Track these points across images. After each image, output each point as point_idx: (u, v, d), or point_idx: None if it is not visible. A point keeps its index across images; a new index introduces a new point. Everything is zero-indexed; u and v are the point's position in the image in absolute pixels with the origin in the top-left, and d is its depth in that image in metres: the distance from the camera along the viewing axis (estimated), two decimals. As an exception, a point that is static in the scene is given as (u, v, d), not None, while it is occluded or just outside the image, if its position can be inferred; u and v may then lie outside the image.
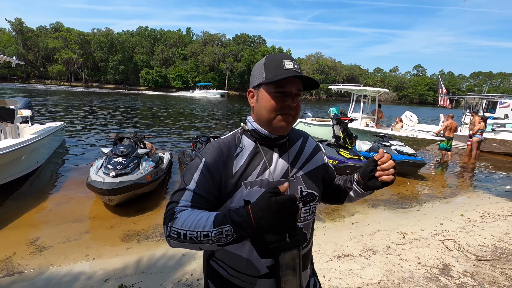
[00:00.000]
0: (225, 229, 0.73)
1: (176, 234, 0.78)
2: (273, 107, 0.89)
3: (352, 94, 12.19)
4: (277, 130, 0.93)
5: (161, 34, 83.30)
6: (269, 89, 0.89)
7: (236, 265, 0.92)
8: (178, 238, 0.78)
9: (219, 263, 0.96)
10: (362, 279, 2.69)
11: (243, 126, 1.00)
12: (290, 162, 0.98)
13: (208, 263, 1.00)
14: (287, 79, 0.87)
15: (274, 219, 0.69)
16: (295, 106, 0.89)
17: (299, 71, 0.89)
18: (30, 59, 66.62)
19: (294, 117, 0.92)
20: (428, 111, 42.02)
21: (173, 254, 3.15)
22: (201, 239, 0.75)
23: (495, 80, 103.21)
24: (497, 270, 2.94)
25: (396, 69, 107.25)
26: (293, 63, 0.89)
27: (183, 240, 0.77)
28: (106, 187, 3.97)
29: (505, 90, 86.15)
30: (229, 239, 0.73)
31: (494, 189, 6.58)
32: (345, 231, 3.90)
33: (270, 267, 0.90)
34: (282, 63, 0.88)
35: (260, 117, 0.93)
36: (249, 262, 0.90)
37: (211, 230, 0.74)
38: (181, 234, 0.77)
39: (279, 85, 0.88)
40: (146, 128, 12.81)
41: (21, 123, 6.18)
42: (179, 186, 0.91)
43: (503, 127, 12.57)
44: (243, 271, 0.91)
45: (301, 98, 0.94)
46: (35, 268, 2.87)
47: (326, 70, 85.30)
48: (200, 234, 0.75)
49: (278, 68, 0.87)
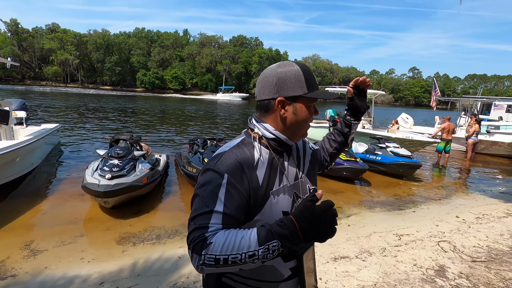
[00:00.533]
0: (272, 245, 0.72)
1: (213, 261, 0.73)
2: (307, 119, 0.93)
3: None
4: (301, 137, 0.98)
5: (158, 36, 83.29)
6: (307, 103, 0.92)
7: (258, 275, 0.89)
8: (216, 264, 0.73)
9: (235, 278, 0.90)
10: (358, 281, 2.70)
11: (256, 136, 0.93)
12: (297, 164, 1.02)
13: (219, 281, 0.93)
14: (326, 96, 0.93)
15: (320, 226, 0.73)
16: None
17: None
18: (25, 60, 66.24)
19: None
20: (423, 113, 42.35)
21: (169, 257, 3.14)
22: (245, 260, 0.72)
23: (490, 83, 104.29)
24: (491, 271, 2.97)
25: (392, 71, 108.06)
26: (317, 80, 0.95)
27: (223, 265, 0.73)
28: (101, 189, 3.94)
29: (499, 93, 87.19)
30: (275, 254, 0.73)
31: (489, 190, 6.64)
32: (341, 233, 3.90)
33: (292, 269, 0.92)
34: (314, 77, 0.93)
35: (295, 129, 0.93)
36: (273, 269, 0.89)
37: (257, 249, 0.72)
38: (221, 259, 0.72)
39: (313, 100, 0.93)
40: (162, 131, 12.77)
41: (15, 125, 6.11)
42: (198, 207, 0.81)
43: (498, 129, 12.73)
44: (266, 279, 0.89)
45: None
46: (29, 272, 2.84)
47: (323, 72, 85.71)
48: (245, 256, 0.72)
49: (315, 82, 0.92)
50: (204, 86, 76.19)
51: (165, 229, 3.91)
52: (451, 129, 9.06)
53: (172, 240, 3.63)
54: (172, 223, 4.13)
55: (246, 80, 78.68)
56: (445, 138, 9.01)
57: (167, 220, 4.21)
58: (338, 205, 5.06)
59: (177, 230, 3.91)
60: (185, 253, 3.22)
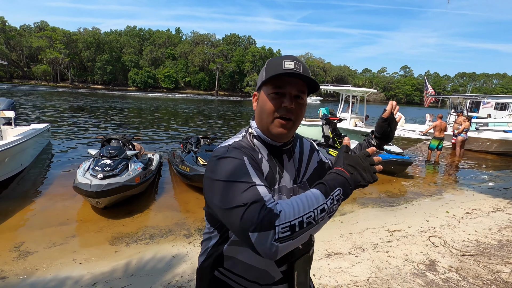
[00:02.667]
0: (336, 194, 0.74)
1: (289, 230, 0.66)
2: (270, 109, 0.84)
3: (341, 94, 12.35)
4: (276, 136, 0.87)
5: (150, 34, 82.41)
6: (267, 90, 0.86)
7: (251, 275, 0.89)
8: (293, 232, 0.66)
9: (227, 274, 0.90)
10: (351, 277, 2.73)
11: (250, 132, 0.94)
12: (297, 168, 0.98)
13: (213, 275, 0.93)
14: (285, 80, 0.83)
15: (363, 169, 0.79)
16: (293, 108, 0.84)
17: (301, 71, 0.83)
18: (13, 58, 64.77)
19: (294, 122, 0.87)
20: (415, 111, 42.93)
21: (162, 257, 3.12)
22: (318, 217, 0.70)
23: (479, 81, 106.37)
24: (480, 264, 3.04)
25: (384, 69, 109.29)
26: (295, 63, 0.83)
27: (299, 231, 0.67)
28: (93, 189, 3.90)
29: (487, 90, 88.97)
30: (338, 203, 0.75)
31: (478, 186, 6.79)
32: (334, 230, 3.94)
33: (284, 272, 0.90)
34: (282, 63, 0.84)
35: (261, 121, 0.89)
36: (265, 271, 0.88)
37: (325, 201, 0.72)
38: (296, 225, 0.67)
39: (277, 86, 0.84)
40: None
41: (4, 125, 5.99)
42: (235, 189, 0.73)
43: (486, 126, 12.99)
44: (258, 280, 0.89)
45: (305, 103, 0.89)
46: (20, 274, 2.79)
47: (315, 70, 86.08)
48: (318, 212, 0.70)
49: (277, 68, 0.83)
50: (197, 85, 75.76)
51: (159, 229, 3.89)
52: (443, 127, 9.18)
53: (166, 240, 3.61)
54: (166, 222, 4.11)
55: (239, 79, 78.52)
56: (438, 136, 9.13)
57: (160, 220, 4.19)
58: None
59: (171, 230, 3.89)
60: (179, 252, 3.21)
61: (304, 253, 0.92)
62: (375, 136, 1.10)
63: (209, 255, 0.94)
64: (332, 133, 7.34)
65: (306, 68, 0.86)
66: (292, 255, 0.88)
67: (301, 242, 0.70)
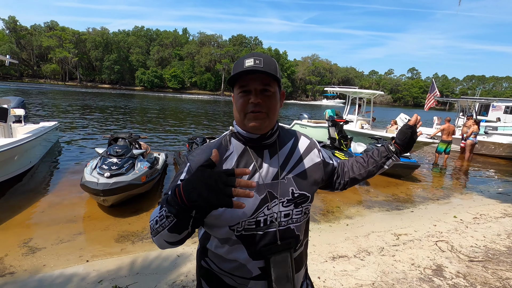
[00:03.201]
0: (164, 211, 0.72)
1: (151, 229, 0.79)
2: (240, 107, 0.88)
3: (348, 96, 12.28)
4: (252, 129, 0.89)
5: (157, 34, 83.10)
6: (236, 91, 0.90)
7: (229, 267, 0.91)
8: (151, 232, 0.79)
9: (211, 264, 0.96)
10: (356, 280, 2.71)
11: (231, 129, 0.99)
12: (281, 164, 0.96)
13: (200, 264, 1.00)
14: (247, 78, 0.86)
15: (203, 191, 0.63)
16: (259, 102, 0.85)
17: (261, 66, 0.84)
18: (23, 57, 65.95)
19: (268, 113, 0.88)
20: (422, 114, 42.30)
21: (168, 255, 3.14)
22: (155, 228, 0.75)
23: (488, 84, 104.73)
24: (489, 271, 2.99)
25: (391, 71, 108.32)
26: (254, 59, 0.85)
27: (153, 234, 0.78)
28: (100, 187, 3.94)
29: (497, 94, 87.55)
30: (170, 221, 0.71)
31: (486, 191, 6.67)
32: (340, 232, 3.92)
33: (262, 269, 0.90)
34: (243, 62, 0.86)
35: (236, 119, 0.94)
36: (241, 264, 0.90)
37: (158, 214, 0.74)
38: (151, 227, 0.79)
39: (241, 85, 0.87)
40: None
41: (14, 123, 6.10)
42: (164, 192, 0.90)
43: (495, 130, 12.78)
44: (236, 273, 0.91)
45: (275, 94, 0.89)
46: (28, 269, 2.83)
47: (322, 72, 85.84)
48: (153, 222, 0.76)
49: (239, 68, 0.86)
50: (204, 85, 76.11)
51: (164, 228, 3.91)
52: (451, 130, 9.03)
53: (171, 239, 3.62)
54: (171, 221, 4.12)
55: (245, 80, 78.44)
56: (445, 139, 9.00)
57: (166, 219, 4.21)
58: (336, 204, 5.07)
59: (176, 229, 3.90)
60: (184, 251, 3.23)
61: (282, 250, 0.90)
62: (395, 142, 1.10)
63: (199, 246, 1.01)
64: (338, 135, 7.29)
65: (269, 60, 0.87)
66: (267, 250, 0.89)
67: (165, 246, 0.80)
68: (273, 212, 0.91)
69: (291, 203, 0.94)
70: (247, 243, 0.89)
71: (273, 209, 0.91)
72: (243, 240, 0.89)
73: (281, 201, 0.92)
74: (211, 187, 0.63)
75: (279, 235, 0.91)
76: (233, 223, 0.87)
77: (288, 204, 0.93)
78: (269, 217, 0.90)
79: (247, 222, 0.88)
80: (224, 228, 0.88)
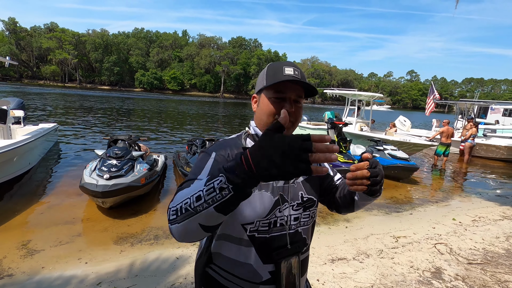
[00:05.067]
0: (217, 182, 0.58)
1: (175, 214, 0.65)
2: (271, 111, 0.90)
3: (347, 98, 12.31)
4: None
5: (157, 36, 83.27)
6: (268, 94, 0.91)
7: (238, 272, 0.90)
8: (177, 217, 0.64)
9: (218, 271, 0.93)
10: (355, 283, 2.71)
11: (246, 131, 1.01)
12: None
13: (204, 271, 0.96)
14: (286, 85, 0.88)
15: (278, 156, 0.53)
16: (292, 111, 0.89)
17: (299, 77, 0.89)
18: (23, 59, 65.99)
19: (294, 123, 0.91)
20: (421, 116, 42.56)
21: (167, 258, 3.13)
22: (194, 205, 0.61)
23: (487, 86, 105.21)
24: (487, 273, 2.99)
25: (390, 74, 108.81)
26: (294, 70, 0.90)
27: (180, 217, 0.64)
28: (99, 189, 3.94)
29: (496, 96, 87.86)
30: (224, 194, 0.57)
31: (485, 193, 6.69)
32: (339, 235, 3.92)
33: (272, 273, 0.90)
34: (282, 69, 0.89)
35: (260, 122, 0.95)
36: (252, 268, 0.89)
37: (202, 188, 0.61)
38: (178, 209, 0.64)
39: (278, 90, 0.89)
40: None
41: (13, 124, 6.09)
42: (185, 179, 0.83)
43: (494, 132, 12.83)
44: (245, 277, 0.90)
45: (302, 106, 0.94)
46: (26, 271, 2.83)
47: (321, 74, 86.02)
48: (193, 199, 0.62)
49: (278, 74, 0.89)
50: (203, 87, 76.21)
51: (163, 230, 3.91)
52: (450, 133, 9.05)
53: (170, 241, 3.62)
54: (170, 223, 4.12)
55: (245, 82, 78.81)
56: (444, 142, 9.01)
57: (165, 221, 4.18)
58: (335, 207, 5.07)
59: (175, 231, 3.90)
60: (183, 253, 3.22)
61: (292, 254, 0.91)
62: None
63: (202, 252, 0.97)
64: (338, 138, 7.31)
65: (303, 74, 0.93)
66: (278, 254, 0.89)
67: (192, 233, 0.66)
68: (284, 215, 0.92)
69: (301, 207, 0.96)
70: (258, 246, 0.89)
71: (284, 212, 0.92)
72: (255, 242, 0.89)
73: (291, 204, 0.94)
74: (284, 153, 0.53)
75: (289, 239, 0.92)
76: (247, 221, 0.87)
77: (298, 208, 0.95)
78: (279, 219, 0.91)
79: (261, 223, 0.88)
80: (236, 225, 0.88)
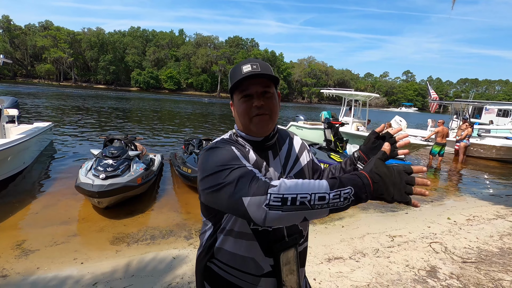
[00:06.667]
0: (345, 192, 0.68)
1: (280, 201, 0.68)
2: (244, 111, 0.92)
3: (344, 98, 12.36)
4: (258, 132, 0.94)
5: (154, 35, 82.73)
6: (237, 96, 0.93)
7: (241, 265, 0.92)
8: (283, 205, 0.68)
9: (219, 265, 0.95)
10: (351, 282, 2.73)
11: (234, 132, 1.02)
12: (283, 164, 1.01)
13: (205, 266, 0.98)
14: (248, 82, 0.89)
15: (391, 184, 0.69)
16: (263, 104, 0.90)
17: (259, 70, 0.89)
18: (17, 57, 65.16)
19: (271, 115, 0.92)
20: (416, 116, 42.89)
21: (163, 258, 3.12)
22: (314, 203, 0.68)
23: (481, 87, 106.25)
24: (481, 272, 3.03)
25: (386, 74, 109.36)
26: (251, 65, 0.90)
27: (290, 207, 0.68)
28: (95, 189, 3.91)
29: (490, 97, 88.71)
30: (345, 203, 0.69)
31: (480, 193, 6.76)
32: (335, 234, 3.94)
33: (273, 266, 0.93)
34: (240, 69, 0.90)
35: (239, 124, 0.97)
36: (254, 261, 0.92)
37: (328, 192, 0.68)
38: (289, 199, 0.68)
39: (242, 90, 0.91)
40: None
41: (7, 123, 6.02)
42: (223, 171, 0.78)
43: (488, 132, 12.96)
44: (248, 270, 0.92)
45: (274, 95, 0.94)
46: (21, 272, 2.80)
47: (318, 74, 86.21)
48: (315, 197, 0.68)
49: (237, 74, 0.90)
50: (200, 86, 75.94)
51: (160, 230, 3.90)
52: (445, 133, 9.13)
53: (167, 241, 3.61)
54: (167, 223, 4.11)
55: (242, 81, 78.49)
56: (440, 142, 9.09)
57: (162, 221, 4.20)
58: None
59: (172, 231, 3.89)
60: (179, 253, 3.22)
61: (290, 246, 0.94)
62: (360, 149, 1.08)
63: (204, 248, 0.99)
64: (334, 137, 7.34)
65: (264, 65, 0.92)
66: (279, 247, 0.92)
67: (289, 221, 0.70)
68: None
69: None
70: (260, 239, 0.91)
71: None
72: (257, 235, 0.91)
73: None
74: (395, 184, 0.69)
75: (286, 232, 0.95)
76: None
77: None
78: None
79: None
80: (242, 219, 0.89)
